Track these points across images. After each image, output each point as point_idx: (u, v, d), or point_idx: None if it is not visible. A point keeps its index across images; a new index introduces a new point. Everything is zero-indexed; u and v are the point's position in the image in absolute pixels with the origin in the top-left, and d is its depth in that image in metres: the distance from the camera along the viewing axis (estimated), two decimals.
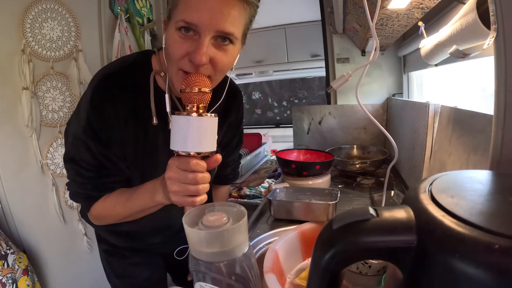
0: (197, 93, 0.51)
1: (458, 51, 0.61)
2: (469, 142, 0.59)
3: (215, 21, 0.51)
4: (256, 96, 3.14)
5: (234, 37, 0.54)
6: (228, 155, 0.86)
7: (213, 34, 0.52)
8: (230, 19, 0.52)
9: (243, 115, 0.84)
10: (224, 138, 0.80)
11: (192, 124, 0.50)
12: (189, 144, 0.51)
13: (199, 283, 0.43)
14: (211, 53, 0.53)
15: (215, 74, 0.57)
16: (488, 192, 0.27)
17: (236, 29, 0.54)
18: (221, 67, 0.56)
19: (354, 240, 0.25)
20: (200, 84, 0.52)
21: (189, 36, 0.53)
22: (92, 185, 0.64)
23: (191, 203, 0.53)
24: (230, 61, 0.58)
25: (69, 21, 1.29)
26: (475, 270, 0.19)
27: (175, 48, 0.54)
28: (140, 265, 0.83)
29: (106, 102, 0.60)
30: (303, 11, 2.28)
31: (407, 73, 1.57)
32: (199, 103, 0.52)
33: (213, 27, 0.51)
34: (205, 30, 0.51)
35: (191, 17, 0.51)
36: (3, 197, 1.20)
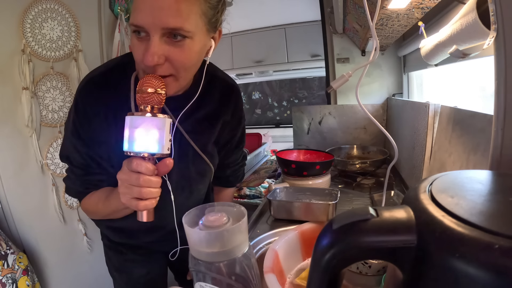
0: (149, 94, 0.51)
1: (458, 51, 0.61)
2: (469, 142, 0.59)
3: (157, 19, 0.50)
4: (256, 96, 3.14)
5: (185, 31, 0.51)
6: (227, 156, 0.83)
7: (160, 32, 0.51)
8: (173, 13, 0.50)
9: (242, 113, 0.80)
10: (221, 138, 0.77)
11: (135, 123, 0.50)
12: (135, 144, 0.50)
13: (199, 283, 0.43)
14: (165, 51, 0.52)
15: (177, 72, 0.55)
16: (488, 192, 0.27)
17: (184, 22, 0.51)
18: (180, 64, 0.55)
19: (354, 240, 0.25)
20: (153, 85, 0.51)
21: (142, 38, 0.52)
22: (80, 181, 0.67)
23: (135, 207, 0.53)
24: (190, 56, 0.55)
25: (69, 21, 1.29)
26: (475, 270, 0.19)
27: (135, 52, 0.54)
28: (136, 262, 0.84)
29: (89, 105, 0.61)
30: (303, 11, 2.28)
31: (407, 73, 1.57)
32: (153, 104, 0.51)
33: (156, 25, 0.50)
34: (151, 29, 0.50)
35: (136, 19, 0.50)
36: (3, 197, 1.20)
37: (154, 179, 0.53)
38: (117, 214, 0.66)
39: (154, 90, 0.51)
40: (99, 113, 0.61)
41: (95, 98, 0.61)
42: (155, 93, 0.51)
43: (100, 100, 0.61)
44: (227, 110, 0.75)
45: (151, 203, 0.54)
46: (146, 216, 0.55)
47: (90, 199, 0.69)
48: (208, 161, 0.73)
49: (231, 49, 2.70)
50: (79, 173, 0.66)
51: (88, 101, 0.61)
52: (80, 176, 0.67)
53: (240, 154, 0.89)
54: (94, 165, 0.65)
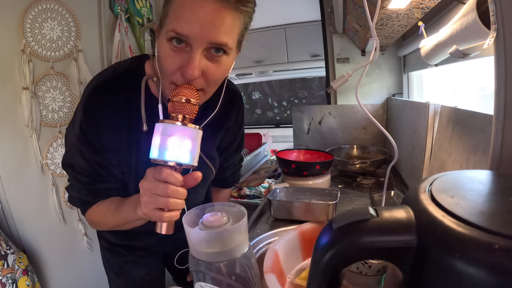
0: (183, 103, 0.50)
1: (458, 51, 0.61)
2: (469, 142, 0.59)
3: (206, 33, 0.49)
4: (256, 96, 3.14)
5: (228, 48, 0.52)
6: (227, 159, 0.84)
7: (205, 46, 0.50)
8: (222, 29, 0.50)
9: (243, 117, 0.81)
10: (223, 143, 0.78)
11: (169, 131, 0.49)
12: (166, 152, 0.49)
13: (199, 283, 0.43)
14: (203, 66, 0.52)
15: (208, 86, 0.56)
16: (488, 192, 0.27)
17: (229, 39, 0.52)
18: (214, 79, 0.55)
19: (354, 240, 0.25)
20: (188, 95, 0.50)
21: (181, 48, 0.51)
22: (87, 190, 0.64)
23: (159, 218, 0.51)
24: (223, 72, 0.56)
25: (69, 21, 1.29)
26: (475, 270, 0.19)
27: (167, 61, 0.53)
28: (136, 263, 0.83)
29: (98, 111, 0.59)
30: (303, 11, 2.28)
31: (407, 73, 1.57)
32: (184, 113, 0.51)
33: (205, 38, 0.49)
34: (197, 42, 0.49)
35: (181, 28, 0.49)
36: (3, 197, 1.20)
37: (182, 190, 0.51)
38: (127, 225, 0.64)
39: (189, 100, 0.50)
40: (109, 120, 0.60)
41: (106, 104, 0.60)
42: (189, 103, 0.50)
43: (110, 106, 0.60)
44: (230, 116, 0.75)
45: (176, 214, 0.52)
46: (166, 228, 0.52)
47: (96, 209, 0.66)
48: (211, 166, 0.73)
49: None
50: (85, 181, 0.63)
51: (99, 107, 0.59)
52: (87, 185, 0.64)
53: (239, 156, 0.90)
54: (103, 173, 0.63)
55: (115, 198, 0.66)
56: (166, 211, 0.50)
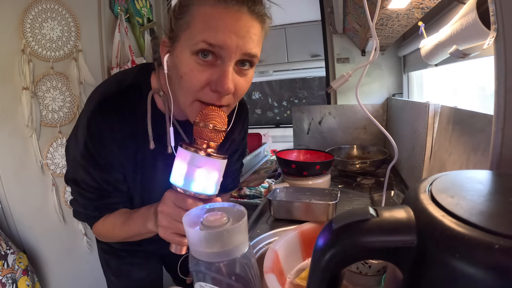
0: (211, 130, 0.48)
1: (458, 51, 0.61)
2: (469, 142, 0.59)
3: (242, 44, 0.47)
4: (256, 96, 3.14)
5: (257, 59, 0.51)
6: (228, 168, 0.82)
7: (239, 57, 0.49)
8: (255, 40, 0.49)
9: (247, 128, 0.81)
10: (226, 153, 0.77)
11: (198, 163, 0.47)
12: (191, 183, 0.47)
13: (199, 283, 0.43)
14: (235, 80, 0.50)
15: (235, 102, 0.54)
16: (488, 192, 0.27)
17: (259, 50, 0.51)
18: (241, 94, 0.53)
19: (354, 240, 0.25)
20: (217, 121, 0.48)
21: (209, 62, 0.48)
22: (93, 206, 0.63)
23: (178, 243, 0.51)
24: (248, 85, 0.54)
25: (69, 21, 1.29)
26: (475, 270, 0.19)
27: (193, 77, 0.49)
28: (136, 265, 0.83)
29: (103, 129, 0.57)
30: (303, 11, 2.28)
31: (407, 73, 1.57)
32: (210, 141, 0.48)
33: (240, 49, 0.48)
34: (231, 53, 0.47)
35: (215, 38, 0.46)
36: (3, 197, 1.20)
37: None
38: (136, 238, 0.62)
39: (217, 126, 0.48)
40: (115, 137, 0.58)
41: (111, 121, 0.57)
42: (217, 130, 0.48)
43: (116, 123, 0.58)
44: (235, 129, 0.74)
45: None
46: (185, 250, 0.52)
47: (104, 224, 0.65)
48: None
49: None
50: (91, 197, 0.62)
51: (104, 125, 0.57)
52: (93, 200, 0.62)
53: (240, 163, 0.89)
54: (109, 188, 0.62)
55: (122, 211, 0.65)
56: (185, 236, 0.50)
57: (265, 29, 0.53)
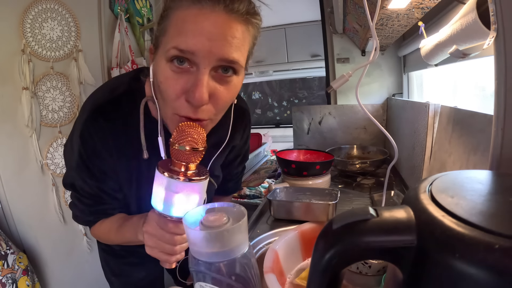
0: (188, 152, 0.44)
1: (458, 51, 0.61)
2: (469, 142, 0.59)
3: (216, 48, 0.43)
4: (256, 96, 3.14)
5: (239, 66, 0.46)
6: (230, 172, 0.82)
7: (214, 64, 0.44)
8: (234, 43, 0.44)
9: (249, 133, 0.78)
10: (227, 158, 0.77)
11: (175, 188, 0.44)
12: (170, 208, 0.46)
13: (199, 283, 0.43)
14: (211, 89, 0.45)
15: (216, 114, 0.49)
16: (488, 192, 0.27)
17: (241, 55, 0.46)
18: (223, 105, 0.49)
19: (354, 240, 0.25)
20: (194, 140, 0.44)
21: (185, 69, 0.45)
22: (89, 211, 0.63)
23: (165, 261, 0.51)
24: (233, 95, 0.49)
25: (69, 21, 1.29)
26: (475, 270, 0.19)
27: (168, 86, 0.46)
28: (136, 265, 0.83)
29: (96, 138, 0.56)
30: (303, 11, 2.28)
31: (407, 73, 1.57)
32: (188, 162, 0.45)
33: (214, 54, 0.43)
34: (204, 59, 0.43)
35: (185, 44, 0.43)
36: (3, 197, 1.20)
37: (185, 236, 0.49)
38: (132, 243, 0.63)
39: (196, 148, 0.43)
40: (109, 147, 0.57)
41: (104, 132, 0.56)
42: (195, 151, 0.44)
43: (108, 132, 0.56)
44: (237, 136, 0.72)
45: (182, 256, 0.51)
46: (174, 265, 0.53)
47: (100, 228, 0.65)
48: (214, 183, 0.72)
49: None
50: (88, 203, 0.62)
51: (97, 135, 0.56)
52: (90, 206, 0.62)
53: (242, 167, 0.88)
54: (105, 196, 0.62)
55: (117, 216, 0.65)
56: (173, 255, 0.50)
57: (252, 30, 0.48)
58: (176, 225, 0.48)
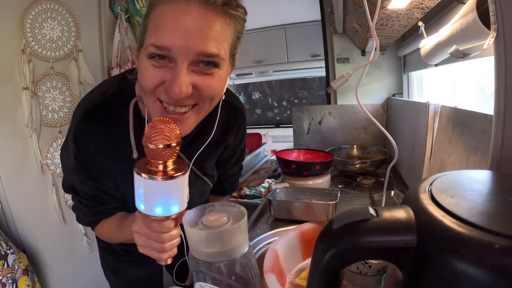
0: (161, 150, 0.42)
1: (458, 51, 0.61)
2: (469, 142, 0.59)
3: (193, 42, 0.42)
4: (256, 96, 3.14)
5: (220, 59, 0.46)
6: (225, 172, 0.82)
7: (192, 58, 0.44)
8: (211, 37, 0.43)
9: (245, 132, 0.77)
10: (222, 158, 0.76)
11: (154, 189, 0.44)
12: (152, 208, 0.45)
13: (199, 283, 0.43)
14: (193, 81, 0.45)
15: (203, 102, 0.49)
16: (488, 192, 0.27)
17: (221, 48, 0.45)
18: (209, 94, 0.48)
19: (354, 240, 0.25)
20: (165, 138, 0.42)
21: (164, 64, 0.45)
22: (91, 212, 0.64)
23: (158, 258, 0.51)
24: (219, 87, 0.49)
25: (69, 21, 1.29)
26: (475, 270, 0.19)
27: (147, 77, 0.46)
28: (134, 263, 0.83)
29: (89, 141, 0.57)
30: (303, 11, 2.28)
31: (407, 73, 1.57)
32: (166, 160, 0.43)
33: (190, 49, 0.43)
34: (181, 54, 0.43)
35: (161, 40, 0.42)
36: (3, 197, 1.20)
37: (175, 232, 0.49)
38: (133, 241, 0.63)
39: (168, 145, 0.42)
40: (102, 149, 0.58)
41: (96, 133, 0.57)
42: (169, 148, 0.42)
43: (101, 134, 0.57)
44: (231, 134, 0.72)
45: (173, 252, 0.51)
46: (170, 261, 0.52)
47: (102, 227, 0.66)
48: (208, 182, 0.73)
49: None
50: (88, 204, 0.63)
51: (90, 138, 0.57)
52: (90, 207, 0.63)
53: (239, 167, 0.88)
54: (104, 196, 0.63)
55: (118, 215, 0.66)
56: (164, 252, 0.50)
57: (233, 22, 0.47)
58: (160, 224, 0.47)
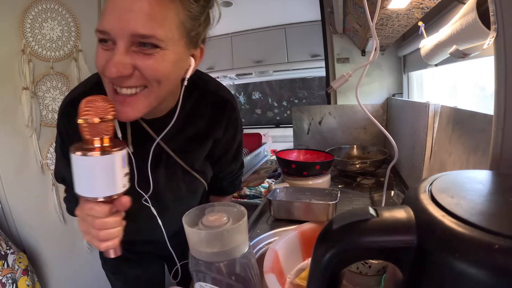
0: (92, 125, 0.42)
1: (458, 51, 0.61)
2: (469, 142, 0.59)
3: (126, 24, 0.42)
4: (256, 96, 3.14)
5: (157, 40, 0.44)
6: (222, 170, 0.80)
7: (128, 39, 0.44)
8: (145, 18, 0.43)
9: (238, 126, 0.73)
10: (215, 154, 0.73)
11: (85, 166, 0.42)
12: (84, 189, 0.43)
13: (199, 283, 0.43)
14: (133, 62, 0.45)
15: (150, 83, 0.48)
16: (488, 192, 0.27)
17: (158, 29, 0.44)
18: (152, 75, 0.47)
19: (354, 240, 0.25)
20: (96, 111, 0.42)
21: (110, 47, 0.45)
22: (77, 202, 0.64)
23: (97, 247, 0.48)
24: (164, 66, 0.47)
25: (69, 21, 1.29)
26: (475, 270, 0.19)
27: (96, 60, 0.47)
28: (133, 262, 0.83)
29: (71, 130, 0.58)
30: (303, 11, 2.28)
31: (407, 73, 1.57)
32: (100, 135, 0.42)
33: (123, 30, 0.43)
34: (118, 36, 0.43)
35: (102, 25, 0.44)
36: (3, 197, 1.20)
37: (111, 220, 0.46)
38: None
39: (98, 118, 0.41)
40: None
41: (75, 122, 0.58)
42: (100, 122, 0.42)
43: None
44: (218, 127, 0.68)
45: (113, 243, 0.48)
46: (113, 253, 0.49)
47: None
48: (199, 178, 0.71)
49: (231, 49, 2.70)
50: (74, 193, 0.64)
51: (71, 127, 0.58)
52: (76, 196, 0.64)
53: (237, 166, 0.84)
54: None
55: None
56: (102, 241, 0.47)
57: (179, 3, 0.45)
58: (91, 206, 0.45)
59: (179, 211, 0.70)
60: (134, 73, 0.46)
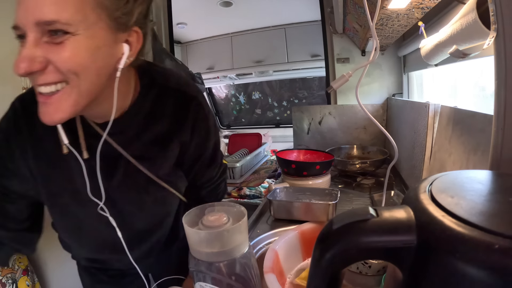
0: None
1: (458, 51, 0.61)
2: (469, 142, 0.59)
3: (30, 12, 0.40)
4: (256, 96, 3.14)
5: (63, 24, 0.40)
6: (198, 177, 0.70)
7: (35, 29, 0.40)
8: (46, 2, 0.39)
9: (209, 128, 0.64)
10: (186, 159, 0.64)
11: None
12: None
13: (199, 283, 0.43)
14: (45, 53, 0.41)
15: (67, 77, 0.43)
16: (488, 192, 0.27)
17: (61, 12, 0.39)
18: (64, 65, 0.42)
19: (354, 240, 0.25)
20: None
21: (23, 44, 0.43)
22: None
23: None
24: (77, 55, 0.42)
25: None
26: (475, 270, 0.19)
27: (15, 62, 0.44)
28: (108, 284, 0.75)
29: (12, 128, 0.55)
30: (303, 11, 2.28)
31: (407, 73, 1.58)
32: None
33: (29, 20, 0.40)
34: (25, 28, 0.41)
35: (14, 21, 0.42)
36: None
37: None
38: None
39: None
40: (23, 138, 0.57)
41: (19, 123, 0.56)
42: None
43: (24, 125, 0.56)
44: (183, 129, 0.60)
45: None
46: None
47: None
48: (167, 187, 0.62)
49: (231, 49, 2.70)
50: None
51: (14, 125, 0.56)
52: None
53: (217, 172, 0.74)
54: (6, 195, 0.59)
55: None
56: None
57: None
58: None
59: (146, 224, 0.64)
60: (48, 67, 0.42)
